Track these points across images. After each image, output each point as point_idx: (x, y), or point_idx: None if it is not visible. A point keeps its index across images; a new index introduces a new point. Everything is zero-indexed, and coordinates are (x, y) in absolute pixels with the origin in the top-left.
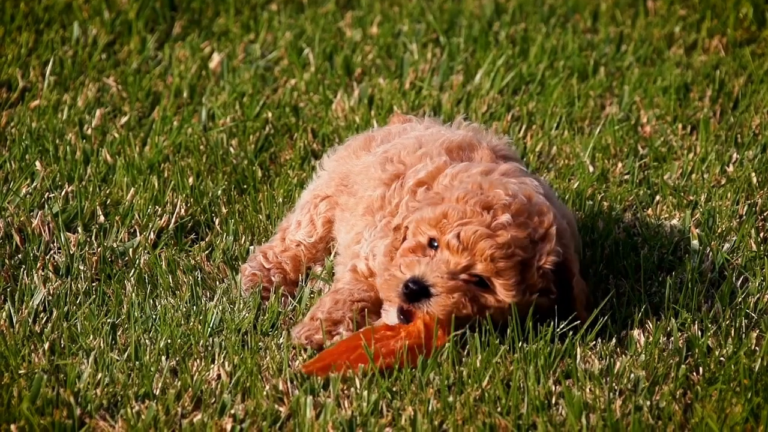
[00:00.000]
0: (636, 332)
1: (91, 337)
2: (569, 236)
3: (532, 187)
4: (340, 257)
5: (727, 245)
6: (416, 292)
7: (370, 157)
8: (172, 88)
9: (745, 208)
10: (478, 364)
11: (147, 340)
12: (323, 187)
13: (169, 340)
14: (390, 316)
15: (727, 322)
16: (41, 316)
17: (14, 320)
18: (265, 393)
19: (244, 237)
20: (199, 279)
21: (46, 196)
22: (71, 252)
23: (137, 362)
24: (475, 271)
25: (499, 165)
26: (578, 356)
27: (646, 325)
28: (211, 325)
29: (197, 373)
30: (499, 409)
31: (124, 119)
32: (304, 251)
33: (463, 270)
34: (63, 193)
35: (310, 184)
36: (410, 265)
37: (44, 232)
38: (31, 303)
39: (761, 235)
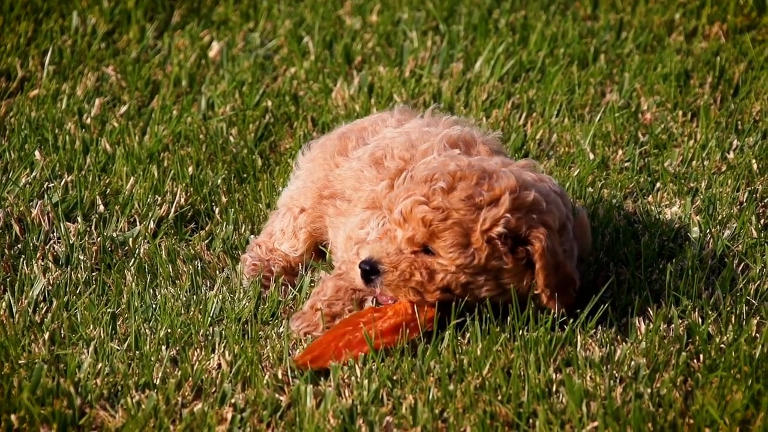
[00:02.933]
0: (636, 319)
1: (91, 326)
2: (546, 211)
3: (549, 185)
4: (341, 244)
5: (727, 232)
6: (368, 272)
7: (354, 162)
8: (171, 77)
9: (746, 195)
10: (478, 352)
11: (147, 330)
12: (300, 195)
13: (169, 330)
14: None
15: (728, 309)
16: (41, 306)
17: (14, 310)
18: (265, 382)
19: (244, 226)
20: (199, 268)
21: (45, 186)
22: (71, 242)
23: (137, 352)
24: (417, 239)
25: (513, 162)
26: (579, 344)
27: (647, 313)
28: (211, 315)
29: (197, 363)
30: (499, 397)
31: (123, 108)
32: (292, 260)
33: (407, 242)
34: (62, 182)
35: (289, 183)
36: (362, 248)
37: (44, 221)
38: (31, 293)
39: (762, 221)
